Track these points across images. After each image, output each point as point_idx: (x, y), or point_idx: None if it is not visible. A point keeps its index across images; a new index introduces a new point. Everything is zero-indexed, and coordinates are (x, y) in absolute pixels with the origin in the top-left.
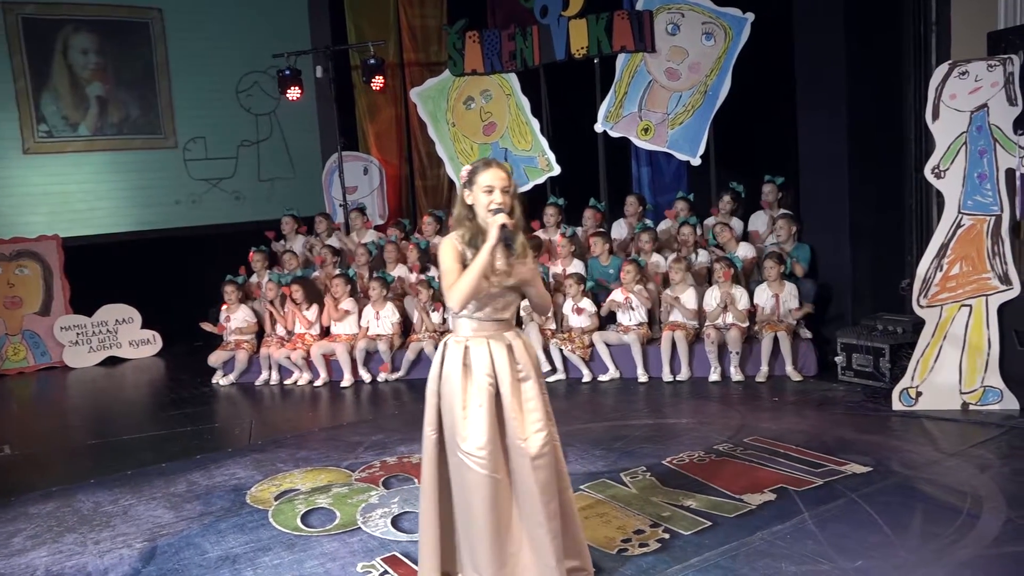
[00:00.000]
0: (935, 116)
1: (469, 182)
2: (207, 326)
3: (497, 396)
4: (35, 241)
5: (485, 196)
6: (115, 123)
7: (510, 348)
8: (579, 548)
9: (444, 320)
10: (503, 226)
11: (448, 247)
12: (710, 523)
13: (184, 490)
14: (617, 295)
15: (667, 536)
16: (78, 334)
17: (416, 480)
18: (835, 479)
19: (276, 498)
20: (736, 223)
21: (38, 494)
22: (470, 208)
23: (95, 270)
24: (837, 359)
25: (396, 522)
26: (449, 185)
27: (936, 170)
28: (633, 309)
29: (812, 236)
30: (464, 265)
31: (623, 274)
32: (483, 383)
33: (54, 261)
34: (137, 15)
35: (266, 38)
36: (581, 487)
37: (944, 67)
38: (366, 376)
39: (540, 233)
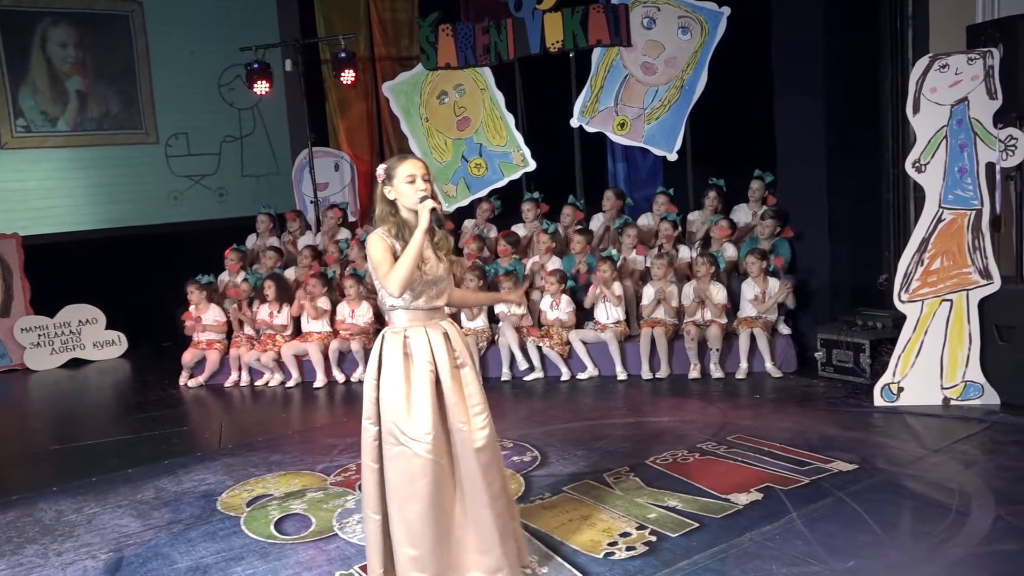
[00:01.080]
0: (916, 110)
1: (388, 178)
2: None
3: (437, 383)
4: None
5: (409, 186)
6: (95, 118)
7: (446, 335)
8: (518, 535)
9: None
10: (433, 210)
11: (377, 241)
12: (697, 524)
13: (152, 497)
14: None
15: (654, 539)
16: (40, 336)
17: None
18: (821, 477)
19: (248, 504)
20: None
21: None
22: (392, 204)
23: (59, 269)
24: (817, 355)
25: None
26: None
27: (917, 164)
28: (610, 304)
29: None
30: (395, 257)
31: (598, 272)
32: (424, 369)
33: (13, 260)
34: (117, 8)
35: (247, 31)
36: (564, 488)
37: (925, 60)
38: (339, 376)
39: (519, 229)
